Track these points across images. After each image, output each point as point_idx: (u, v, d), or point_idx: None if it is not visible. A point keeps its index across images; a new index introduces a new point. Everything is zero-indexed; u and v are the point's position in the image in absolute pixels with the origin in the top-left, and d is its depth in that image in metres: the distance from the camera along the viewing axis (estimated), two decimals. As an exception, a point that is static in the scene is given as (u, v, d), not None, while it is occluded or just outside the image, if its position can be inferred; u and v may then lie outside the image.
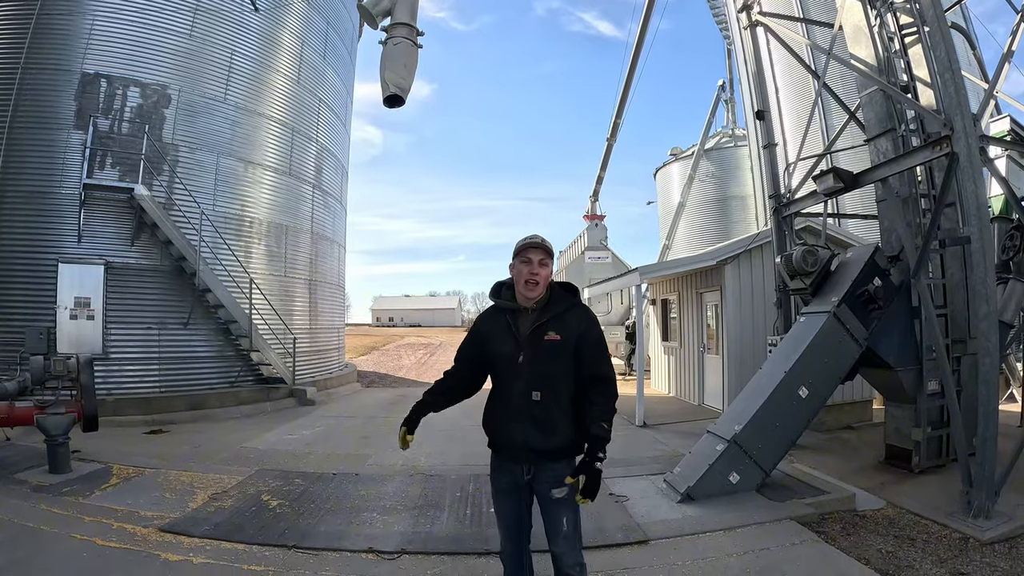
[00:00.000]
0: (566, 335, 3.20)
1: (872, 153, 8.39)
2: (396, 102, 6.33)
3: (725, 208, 29.74)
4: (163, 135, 12.96)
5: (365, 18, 6.99)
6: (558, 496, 3.19)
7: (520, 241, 3.35)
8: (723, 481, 6.65)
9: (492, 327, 3.39)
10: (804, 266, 7.88)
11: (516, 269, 3.31)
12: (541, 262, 3.24)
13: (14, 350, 10.04)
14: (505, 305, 3.38)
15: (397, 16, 6.70)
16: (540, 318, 3.24)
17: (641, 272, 12.42)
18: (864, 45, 8.44)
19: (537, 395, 3.16)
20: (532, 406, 3.16)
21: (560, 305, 3.29)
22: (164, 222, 12.25)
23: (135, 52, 12.74)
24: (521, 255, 3.29)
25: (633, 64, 24.86)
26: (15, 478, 7.16)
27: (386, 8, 6.78)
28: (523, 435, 3.19)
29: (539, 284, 3.24)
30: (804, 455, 8.57)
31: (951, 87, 6.77)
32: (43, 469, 7.40)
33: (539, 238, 3.33)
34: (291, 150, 15.80)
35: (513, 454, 3.27)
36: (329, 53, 17.78)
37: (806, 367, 7.14)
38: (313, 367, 16.29)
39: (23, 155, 11.87)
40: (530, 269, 3.23)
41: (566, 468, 3.21)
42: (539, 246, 3.28)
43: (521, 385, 3.19)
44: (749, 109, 23.59)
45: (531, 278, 3.22)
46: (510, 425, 3.23)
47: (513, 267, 3.35)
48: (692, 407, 13.29)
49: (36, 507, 6.16)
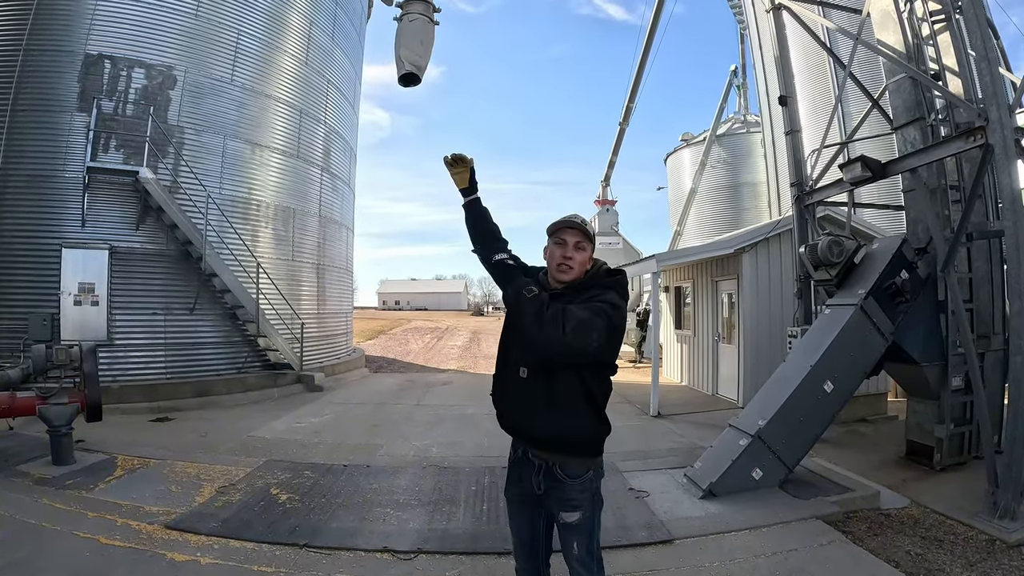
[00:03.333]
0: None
1: (899, 142, 8.16)
2: (412, 81, 6.08)
3: (736, 195, 29.44)
4: (168, 117, 12.72)
5: (379, -6, 6.74)
6: (568, 521, 2.89)
7: (555, 221, 2.96)
8: (746, 477, 6.47)
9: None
10: (830, 257, 7.64)
11: (549, 251, 2.94)
12: (577, 245, 2.87)
13: (17, 337, 9.89)
14: (543, 280, 2.97)
15: (413, -9, 6.44)
16: (557, 295, 2.82)
17: (658, 259, 12.18)
18: (892, 31, 8.18)
19: (524, 372, 2.82)
20: (520, 385, 2.83)
21: (589, 284, 2.88)
22: (169, 206, 12.04)
23: (140, 32, 12.46)
24: (556, 235, 2.92)
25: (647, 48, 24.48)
26: (17, 470, 7.00)
27: (401, -17, 6.52)
28: (513, 418, 2.94)
29: (573, 269, 2.86)
30: (823, 449, 8.38)
31: (987, 76, 6.53)
32: (46, 460, 7.24)
33: (579, 218, 2.95)
34: (299, 132, 15.55)
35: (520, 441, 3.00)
36: (338, 33, 17.45)
37: (832, 361, 6.93)
38: (321, 352, 16.11)
39: (25, 138, 11.65)
40: (563, 252, 2.86)
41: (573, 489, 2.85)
42: (576, 226, 2.90)
43: (515, 356, 2.89)
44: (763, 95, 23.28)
45: (564, 262, 2.86)
46: (503, 404, 2.98)
47: (547, 248, 2.97)
48: (706, 397, 13.11)
49: (38, 502, 6.00)
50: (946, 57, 7.67)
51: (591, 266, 2.94)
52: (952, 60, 7.54)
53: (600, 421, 2.88)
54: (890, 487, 6.85)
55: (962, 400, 7.53)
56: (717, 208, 29.92)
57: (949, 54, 7.61)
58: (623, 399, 12.24)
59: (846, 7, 12.01)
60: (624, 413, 10.89)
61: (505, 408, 2.98)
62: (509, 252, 3.04)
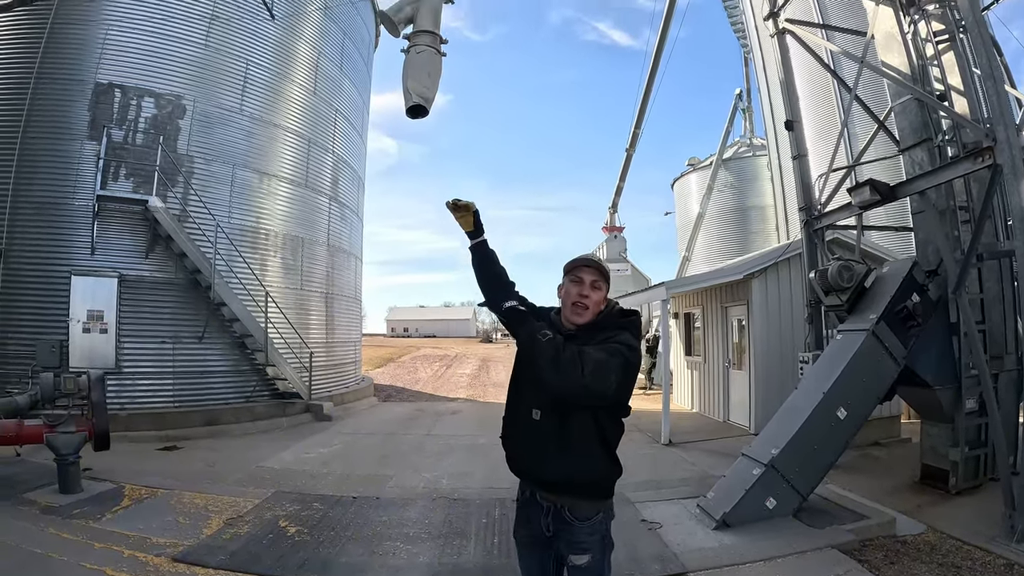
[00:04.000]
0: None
1: (907, 164, 8.15)
2: (419, 112, 6.10)
3: (744, 219, 29.39)
4: (178, 146, 12.85)
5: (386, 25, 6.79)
6: (577, 563, 2.81)
7: (572, 260, 2.96)
8: (759, 506, 6.37)
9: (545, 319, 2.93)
10: (840, 282, 7.59)
11: (565, 289, 2.92)
12: (594, 284, 2.85)
13: (26, 363, 9.92)
14: (556, 320, 2.95)
15: (420, 23, 6.47)
16: (570, 335, 2.77)
17: (667, 287, 12.16)
18: (897, 52, 8.21)
19: (537, 414, 2.76)
20: (532, 427, 2.78)
21: (603, 324, 2.85)
22: (179, 235, 12.11)
23: (150, 62, 12.65)
24: (572, 273, 2.90)
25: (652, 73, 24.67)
26: (24, 498, 6.97)
27: (408, 15, 6.57)
28: (524, 461, 2.89)
29: (588, 309, 2.84)
30: (836, 475, 8.24)
31: (993, 96, 6.53)
32: (53, 488, 7.21)
33: (596, 258, 2.98)
34: (307, 162, 15.67)
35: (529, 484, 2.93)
36: (346, 63, 17.67)
37: (844, 387, 6.86)
38: (329, 381, 16.07)
39: (36, 166, 11.77)
40: (580, 290, 2.84)
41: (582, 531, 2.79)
42: (593, 266, 2.90)
43: (527, 398, 2.83)
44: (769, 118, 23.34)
45: (580, 300, 2.83)
46: (514, 447, 2.93)
47: (562, 287, 2.96)
48: (717, 424, 12.98)
49: (45, 531, 5.96)
50: (951, 77, 7.68)
51: (604, 306, 2.92)
52: (957, 79, 7.56)
53: (612, 463, 2.83)
54: (906, 512, 6.75)
55: (977, 422, 7.44)
56: (725, 232, 29.86)
57: (954, 73, 7.63)
58: (634, 427, 12.09)
59: (850, 30, 12.07)
60: (635, 442, 10.79)
61: (516, 451, 2.94)
62: (518, 296, 3.01)
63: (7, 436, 7.13)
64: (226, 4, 13.72)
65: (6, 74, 12.12)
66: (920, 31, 8.03)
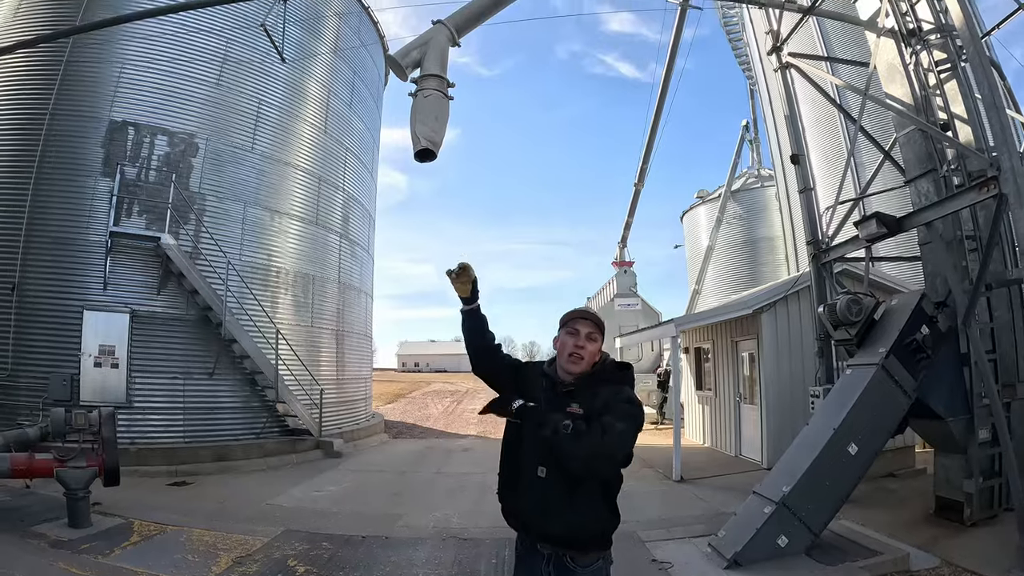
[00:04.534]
0: (588, 408, 2.76)
1: (913, 195, 8.17)
2: (428, 156, 6.19)
3: (754, 250, 29.39)
4: (190, 184, 13.05)
5: (394, 69, 6.92)
6: None
7: (568, 312, 3.05)
8: (771, 545, 6.29)
9: (532, 384, 3.00)
10: (849, 316, 7.57)
11: (561, 340, 2.98)
12: (589, 336, 2.92)
13: (38, 395, 10.02)
14: (549, 371, 3.02)
15: (427, 67, 6.58)
16: (571, 390, 2.89)
17: (676, 323, 12.17)
18: (899, 83, 8.29)
19: (543, 471, 2.78)
20: (537, 484, 2.78)
21: (602, 378, 2.93)
22: (190, 272, 12.25)
23: (163, 100, 12.91)
24: (568, 325, 2.97)
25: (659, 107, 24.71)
26: (33, 531, 6.99)
27: (416, 59, 6.68)
28: (527, 516, 2.88)
29: (584, 360, 2.89)
30: (850, 509, 8.11)
31: (996, 125, 6.56)
32: (62, 522, 7.22)
33: (590, 310, 3.06)
34: (318, 199, 15.85)
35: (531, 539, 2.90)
36: (356, 101, 17.96)
37: (855, 422, 6.80)
38: (340, 418, 16.02)
39: (50, 201, 11.97)
40: (575, 341, 2.90)
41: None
42: (589, 318, 2.98)
43: (529, 458, 2.83)
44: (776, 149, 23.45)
45: (576, 351, 2.89)
46: (516, 504, 2.92)
47: (557, 339, 3.02)
48: (729, 459, 12.85)
49: (54, 565, 5.98)
50: (954, 105, 7.72)
51: (599, 358, 2.98)
52: (960, 108, 7.59)
53: (613, 515, 2.88)
54: (920, 546, 6.63)
55: (990, 452, 7.36)
56: (735, 264, 29.85)
57: (957, 102, 7.66)
58: (645, 463, 12.00)
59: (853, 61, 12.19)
60: (646, 478, 10.69)
61: (517, 506, 2.94)
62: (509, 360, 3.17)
63: (18, 469, 7.19)
64: (238, 45, 14.01)
65: (22, 110, 12.41)
66: (922, 61, 8.10)
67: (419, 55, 6.71)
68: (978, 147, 7.08)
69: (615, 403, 2.77)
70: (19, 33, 12.65)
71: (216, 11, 13.22)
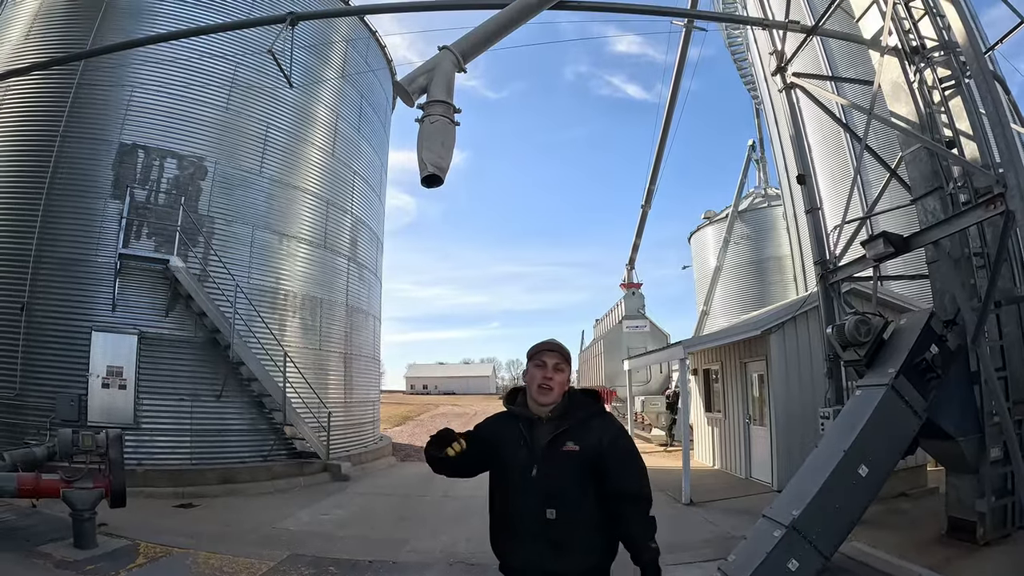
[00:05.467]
0: (585, 446, 2.88)
1: (920, 213, 8.12)
2: (434, 182, 6.23)
3: (762, 270, 29.35)
4: (199, 207, 13.18)
5: (401, 96, 6.97)
6: None
7: (534, 345, 3.10)
8: (782, 569, 6.15)
9: (504, 432, 3.05)
10: (857, 336, 7.48)
11: (530, 373, 3.04)
12: (556, 367, 2.98)
13: (45, 415, 10.07)
14: (519, 412, 3.09)
15: (433, 93, 6.64)
16: (558, 427, 2.92)
17: (685, 346, 12.14)
18: (904, 102, 8.28)
19: (552, 513, 2.80)
20: (546, 525, 2.79)
21: (580, 412, 2.99)
22: (199, 294, 12.31)
23: (172, 124, 13.10)
24: (535, 359, 3.04)
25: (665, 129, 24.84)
26: (38, 551, 7.00)
27: (422, 85, 6.74)
28: (538, 558, 2.81)
29: (553, 390, 2.96)
30: (862, 531, 7.97)
31: (1002, 142, 6.54)
32: (68, 543, 7.21)
33: (555, 342, 3.11)
34: (326, 223, 15.94)
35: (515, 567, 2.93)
36: (363, 125, 18.12)
37: (865, 444, 6.69)
38: (348, 441, 15.96)
39: (60, 223, 12.12)
40: (544, 373, 2.97)
41: None
42: (555, 350, 3.04)
43: (533, 502, 2.83)
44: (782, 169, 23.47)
45: (545, 383, 2.96)
46: (523, 547, 2.86)
47: (527, 372, 3.09)
48: (739, 480, 12.72)
49: (58, 587, 5.94)
50: (959, 122, 7.70)
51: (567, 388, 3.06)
52: (966, 124, 7.58)
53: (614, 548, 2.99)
54: (932, 567, 6.52)
55: (1002, 471, 7.23)
56: (743, 284, 29.79)
57: (962, 118, 7.65)
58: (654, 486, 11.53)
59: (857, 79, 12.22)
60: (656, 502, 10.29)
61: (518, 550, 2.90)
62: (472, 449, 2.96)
63: (25, 489, 7.23)
64: (247, 70, 14.21)
65: (33, 133, 12.63)
66: (926, 78, 8.10)
67: (425, 81, 6.77)
68: (984, 164, 7.05)
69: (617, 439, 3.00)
70: (31, 56, 12.90)
71: (225, 36, 13.46)
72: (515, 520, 2.90)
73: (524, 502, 2.86)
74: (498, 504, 3.02)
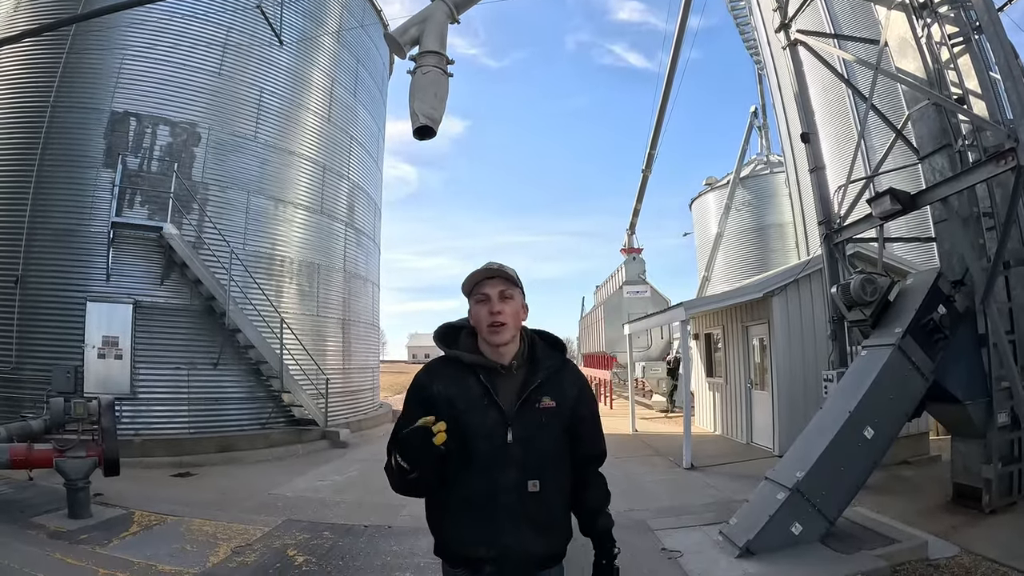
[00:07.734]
0: (561, 400, 2.34)
1: (927, 171, 7.92)
2: (427, 133, 6.04)
3: (763, 237, 29.16)
4: (193, 173, 12.95)
5: (393, 47, 6.77)
6: None
7: (468, 277, 2.38)
8: (785, 532, 6.08)
9: (458, 391, 2.29)
10: (863, 296, 7.34)
11: (473, 313, 2.36)
12: (503, 295, 2.31)
13: (42, 388, 9.97)
14: (473, 360, 2.34)
15: (426, 44, 6.45)
16: (531, 380, 2.32)
17: (686, 307, 11.93)
18: (912, 58, 8.03)
19: (535, 485, 2.23)
20: (528, 501, 2.22)
21: (550, 361, 2.40)
22: (193, 261, 12.13)
23: (164, 90, 12.83)
24: (475, 293, 2.35)
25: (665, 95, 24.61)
26: (32, 522, 6.92)
27: (414, 36, 6.55)
28: (518, 542, 2.20)
29: (506, 325, 2.28)
30: (865, 496, 7.90)
31: (1014, 96, 6.32)
32: (62, 513, 7.15)
33: (495, 265, 2.37)
34: (322, 188, 15.71)
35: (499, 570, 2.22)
36: (360, 91, 17.80)
37: (871, 405, 6.58)
38: (346, 408, 15.93)
39: (52, 193, 11.93)
40: (489, 308, 2.28)
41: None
42: (495, 274, 2.34)
43: (513, 473, 2.22)
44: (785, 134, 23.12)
45: (494, 319, 2.27)
46: (499, 532, 2.20)
47: (470, 312, 2.40)
48: (740, 446, 12.65)
49: (50, 556, 5.88)
50: (968, 80, 7.48)
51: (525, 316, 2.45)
52: (975, 83, 7.36)
53: None
54: (938, 534, 6.42)
55: (1009, 437, 7.12)
56: (744, 251, 29.63)
57: (971, 76, 7.43)
58: (655, 452, 11.83)
59: (863, 38, 11.90)
60: (656, 466, 10.47)
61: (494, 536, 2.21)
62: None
63: (17, 460, 7.12)
64: (239, 33, 13.88)
65: (23, 103, 12.37)
66: (934, 35, 7.84)
67: (417, 32, 6.59)
68: (994, 120, 6.84)
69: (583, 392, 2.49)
70: (22, 25, 12.53)
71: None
72: (485, 500, 2.22)
73: (501, 474, 2.22)
74: (458, 483, 2.25)
